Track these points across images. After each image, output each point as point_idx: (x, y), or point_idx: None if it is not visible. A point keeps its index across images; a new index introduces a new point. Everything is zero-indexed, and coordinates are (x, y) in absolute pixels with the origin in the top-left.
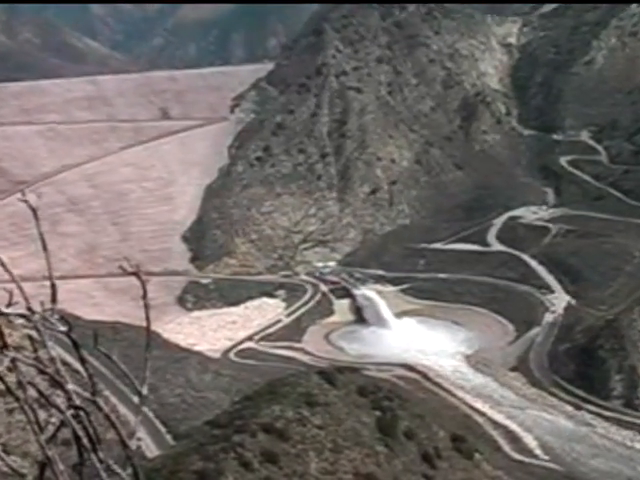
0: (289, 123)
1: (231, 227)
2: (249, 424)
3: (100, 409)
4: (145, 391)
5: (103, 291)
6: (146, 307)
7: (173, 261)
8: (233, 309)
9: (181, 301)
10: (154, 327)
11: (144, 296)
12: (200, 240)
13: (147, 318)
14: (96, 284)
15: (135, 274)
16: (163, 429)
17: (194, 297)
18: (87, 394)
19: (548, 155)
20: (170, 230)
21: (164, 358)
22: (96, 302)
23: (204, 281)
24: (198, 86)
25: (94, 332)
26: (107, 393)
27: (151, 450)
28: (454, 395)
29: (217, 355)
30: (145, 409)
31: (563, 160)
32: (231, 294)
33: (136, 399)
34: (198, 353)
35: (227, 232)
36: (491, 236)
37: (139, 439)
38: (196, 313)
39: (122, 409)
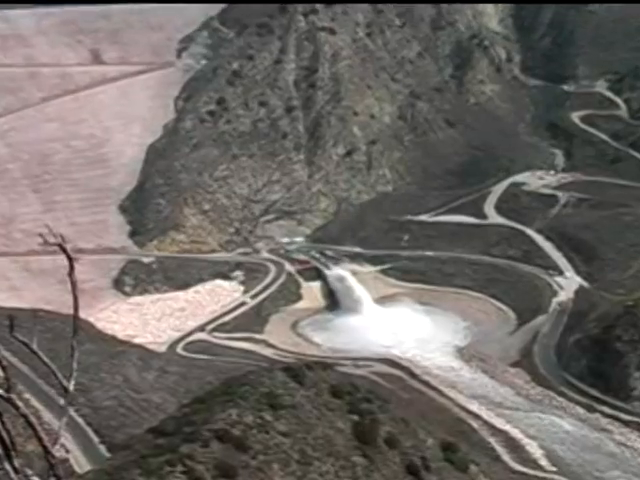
0: (248, 71)
1: (178, 195)
2: (200, 431)
3: (16, 407)
4: (72, 387)
5: (22, 272)
6: (73, 285)
7: (108, 236)
8: (181, 294)
9: (118, 284)
10: (86, 315)
11: (70, 272)
12: (141, 211)
13: (74, 297)
14: (13, 264)
15: (59, 246)
16: (96, 438)
17: (134, 279)
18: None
19: (557, 110)
20: (104, 199)
21: (98, 353)
22: (13, 285)
23: (146, 260)
24: (137, 24)
25: (9, 318)
26: (28, 395)
27: (81, 464)
28: (445, 395)
29: (162, 349)
30: (73, 413)
31: (575, 116)
32: (178, 276)
33: (63, 401)
34: (139, 347)
35: (174, 201)
36: (489, 206)
37: (67, 451)
38: (136, 299)
39: (46, 415)
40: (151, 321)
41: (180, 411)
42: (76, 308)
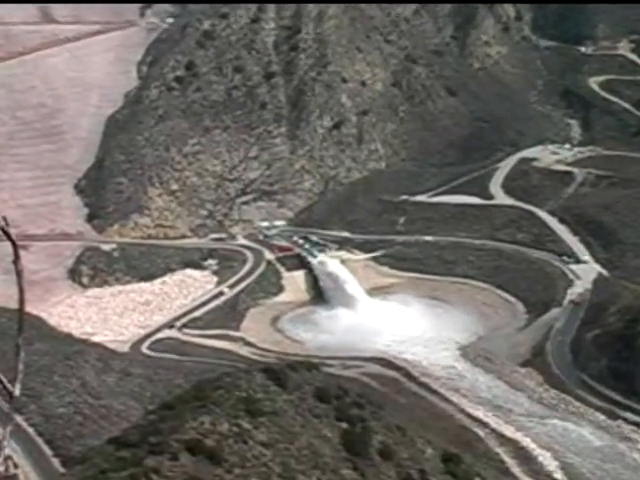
0: (221, 31)
1: (143, 174)
2: (168, 442)
3: None
4: (18, 391)
5: None
6: (18, 275)
7: (62, 220)
8: (146, 285)
9: (74, 275)
10: (37, 311)
11: (15, 260)
12: (100, 191)
13: (20, 289)
14: None
15: (1, 230)
16: (49, 451)
17: (92, 269)
18: None
19: (573, 75)
20: (58, 178)
21: (51, 353)
22: None
23: (106, 247)
24: None
25: None
26: None
27: None
28: (446, 400)
29: (124, 348)
30: (22, 422)
31: (593, 81)
32: (143, 265)
33: (8, 408)
34: (98, 346)
35: (137, 180)
36: (495, 185)
37: (15, 466)
38: (95, 291)
39: None
40: (112, 317)
41: (145, 419)
42: (22, 301)
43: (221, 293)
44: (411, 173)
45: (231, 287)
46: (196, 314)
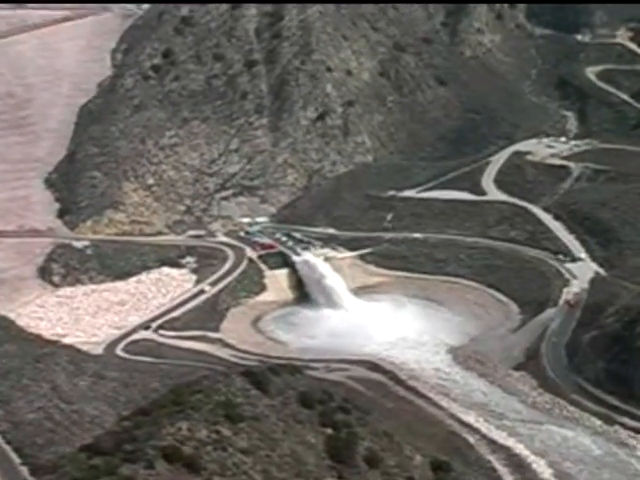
0: (200, 17)
1: (117, 167)
2: (144, 449)
3: None
4: None
5: None
6: None
7: (32, 216)
8: (121, 284)
9: (45, 273)
10: (5, 311)
11: None
12: (72, 186)
13: None
14: None
15: None
16: (17, 459)
17: (63, 267)
18: None
19: (569, 64)
20: (27, 171)
21: (19, 355)
22: None
23: (78, 244)
24: None
25: None
26: None
27: None
28: (435, 404)
29: (98, 350)
30: None
31: (590, 71)
32: (118, 263)
33: None
34: (70, 348)
35: (111, 174)
36: (487, 180)
37: None
38: (67, 290)
39: None
40: (84, 317)
41: (119, 425)
42: None
43: (202, 291)
44: (399, 167)
45: (214, 284)
46: (174, 314)
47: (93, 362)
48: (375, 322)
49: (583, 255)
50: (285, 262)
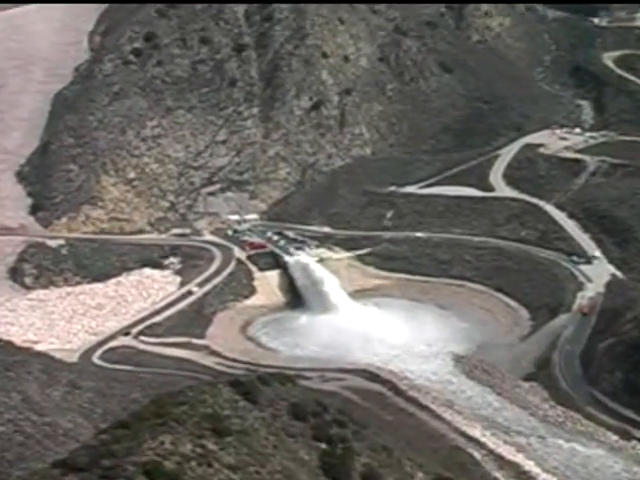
0: None
1: (95, 160)
2: (123, 465)
3: None
4: None
5: None
6: None
7: (3, 212)
8: (98, 286)
9: (16, 274)
10: None
11: None
12: (45, 180)
13: None
14: None
15: None
16: None
17: (36, 268)
18: None
19: (585, 50)
20: None
21: None
22: None
23: (52, 243)
24: None
25: None
26: None
27: None
28: (438, 417)
29: (73, 358)
30: None
31: (607, 57)
32: (95, 264)
33: None
34: (43, 355)
35: (89, 167)
36: (496, 175)
37: None
38: (39, 293)
39: None
40: (59, 322)
41: (96, 439)
42: None
43: (189, 292)
44: (400, 161)
45: (201, 285)
46: (156, 319)
47: (68, 371)
48: (373, 328)
49: (599, 256)
50: (277, 263)
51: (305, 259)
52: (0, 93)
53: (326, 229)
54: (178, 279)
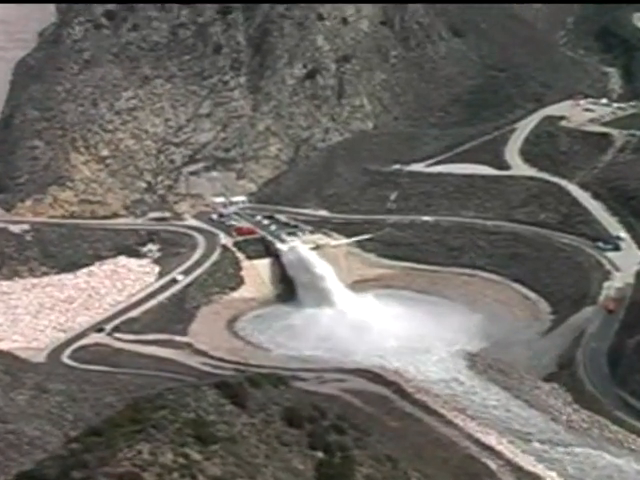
0: None
1: (63, 135)
2: (96, 477)
3: None
4: None
5: None
6: None
7: None
8: (68, 277)
9: None
10: None
11: None
12: (8, 158)
13: None
14: None
15: None
16: None
17: None
18: None
19: (612, 10)
20: None
21: None
22: None
23: (15, 229)
24: None
25: None
26: None
27: None
28: (449, 422)
29: (40, 357)
30: None
31: (638, 18)
32: (64, 252)
33: None
34: (5, 354)
35: (56, 144)
36: (512, 151)
37: None
38: (2, 284)
39: None
40: (23, 317)
41: (66, 448)
42: None
43: (174, 281)
44: (405, 135)
45: (186, 273)
46: (132, 314)
47: (34, 372)
48: (376, 323)
49: (624, 237)
50: (267, 251)
51: (299, 246)
52: None
53: (322, 212)
54: (157, 269)
